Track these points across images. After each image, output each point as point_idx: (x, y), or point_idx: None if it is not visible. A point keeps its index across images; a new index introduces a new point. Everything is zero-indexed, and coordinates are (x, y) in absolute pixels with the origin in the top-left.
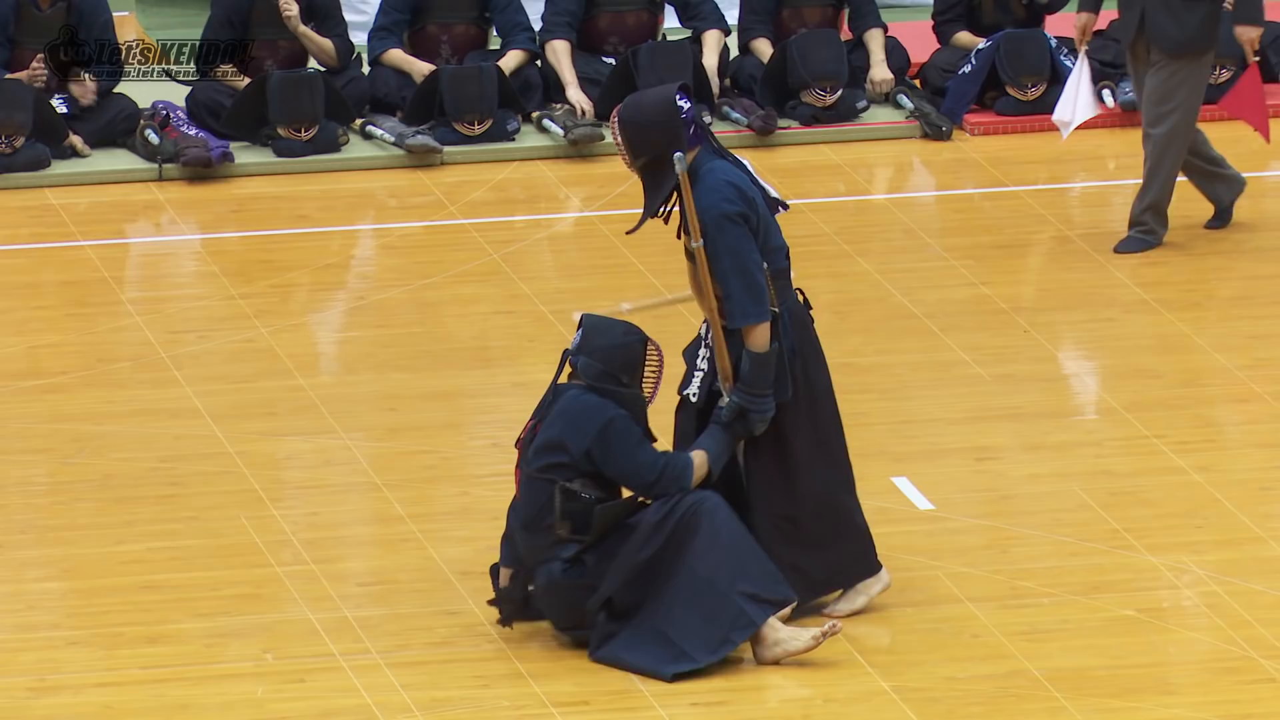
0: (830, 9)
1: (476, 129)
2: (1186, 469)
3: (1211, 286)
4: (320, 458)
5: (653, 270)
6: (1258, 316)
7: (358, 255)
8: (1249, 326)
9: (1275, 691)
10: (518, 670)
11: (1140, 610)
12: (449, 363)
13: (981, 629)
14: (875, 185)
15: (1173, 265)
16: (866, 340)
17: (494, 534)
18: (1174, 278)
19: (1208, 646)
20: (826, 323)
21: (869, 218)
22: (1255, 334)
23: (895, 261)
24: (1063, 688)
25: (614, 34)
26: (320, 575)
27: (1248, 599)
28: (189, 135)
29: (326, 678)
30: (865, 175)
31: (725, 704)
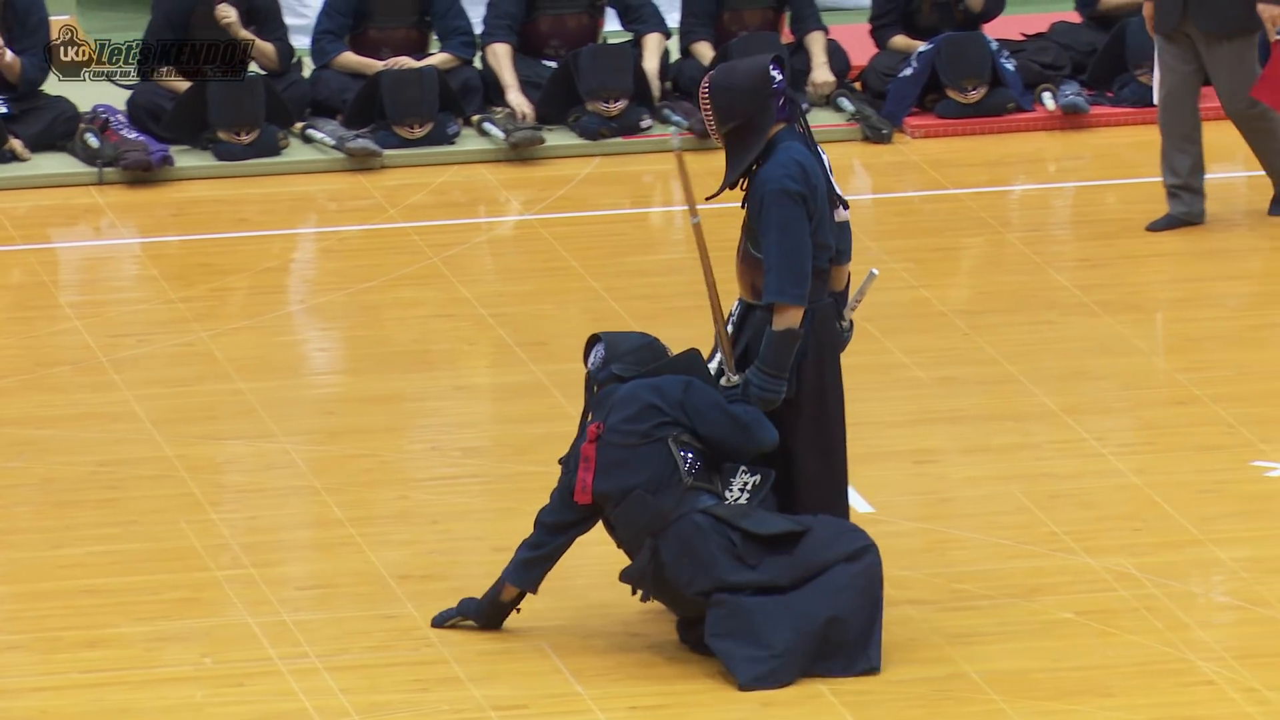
0: (771, 12)
1: (417, 132)
2: (1125, 472)
3: (1151, 289)
4: (260, 462)
5: (593, 274)
6: (1197, 319)
7: (298, 259)
8: (1188, 329)
9: (1214, 694)
10: (456, 674)
11: (1079, 613)
12: (389, 366)
13: (920, 632)
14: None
15: (1113, 268)
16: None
17: (433, 538)
18: (1113, 281)
19: (1146, 649)
20: None
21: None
22: (1194, 336)
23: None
24: (1001, 690)
25: (555, 37)
26: (259, 579)
27: (1186, 601)
28: (129, 139)
29: (265, 681)
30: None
31: (665, 708)
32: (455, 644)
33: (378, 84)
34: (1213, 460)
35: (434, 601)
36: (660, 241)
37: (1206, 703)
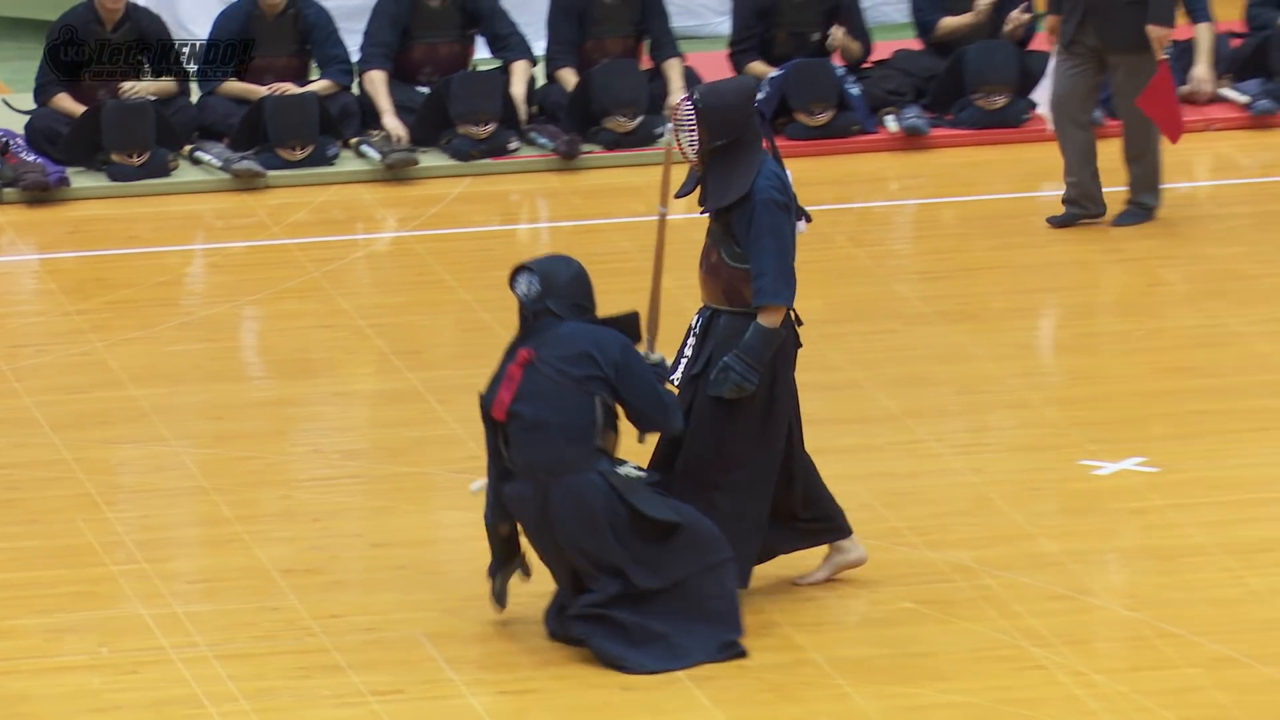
0: (631, 40)
1: (298, 154)
2: (962, 470)
3: (987, 300)
4: (152, 464)
5: (464, 287)
6: (1030, 328)
7: (187, 273)
8: (1021, 337)
9: (1044, 677)
10: (337, 662)
11: (919, 603)
12: (272, 374)
13: (771, 621)
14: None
15: (951, 280)
16: (669, 351)
17: (314, 534)
18: (951, 292)
19: (981, 636)
20: None
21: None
22: (1027, 344)
23: (693, 277)
24: (846, 675)
25: (428, 64)
26: (152, 574)
27: (1018, 591)
28: (28, 161)
29: (158, 669)
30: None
31: (530, 692)
32: (336, 634)
33: (261, 109)
34: (1043, 460)
35: (316, 594)
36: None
37: (1037, 686)
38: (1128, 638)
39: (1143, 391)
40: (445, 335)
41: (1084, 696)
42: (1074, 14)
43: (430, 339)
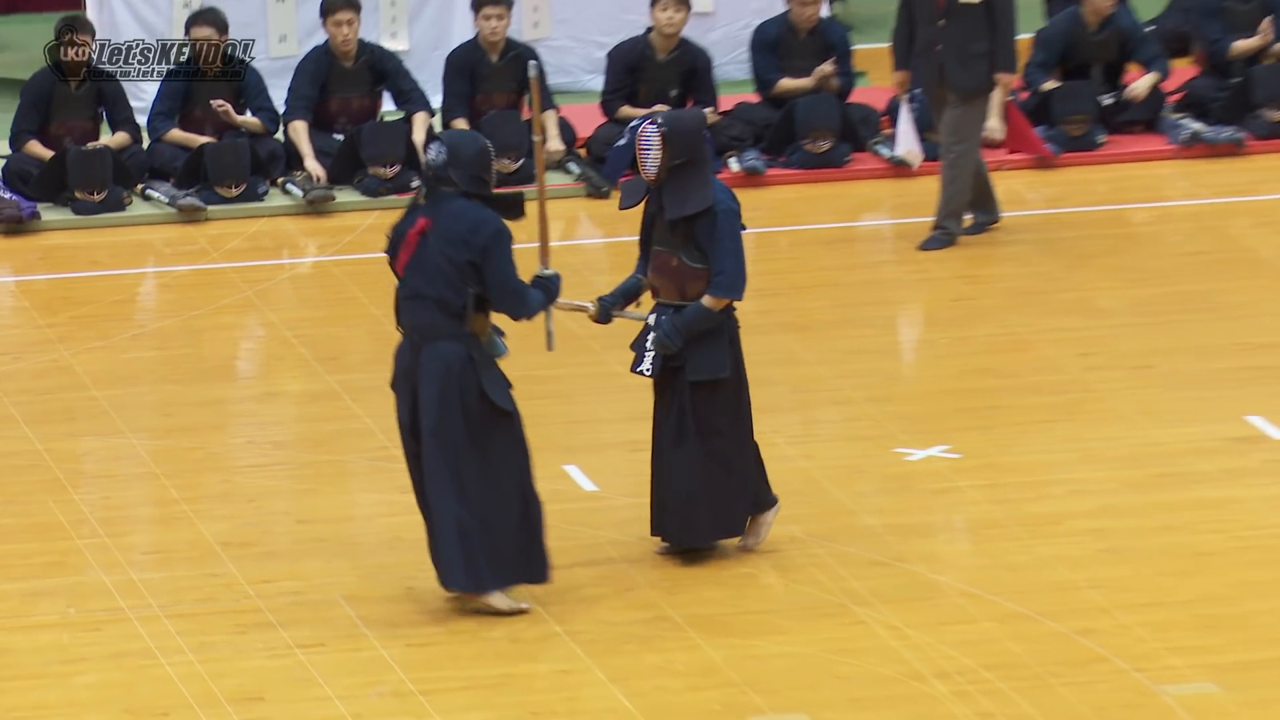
0: (513, 95)
1: (234, 192)
2: (795, 457)
3: (816, 313)
4: (111, 453)
5: (374, 303)
6: (852, 336)
7: (140, 292)
8: (844, 345)
9: (864, 631)
10: (269, 620)
11: (759, 568)
12: (213, 377)
13: (634, 584)
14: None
15: (784, 297)
16: (544, 357)
17: (249, 513)
18: (786, 307)
19: (813, 596)
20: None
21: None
22: (850, 350)
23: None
24: (697, 629)
25: (342, 115)
26: (112, 546)
27: (842, 558)
28: (3, 198)
29: (117, 627)
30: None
31: (434, 645)
32: (267, 596)
33: (202, 153)
34: (863, 448)
35: (250, 563)
36: None
37: (859, 638)
38: (934, 597)
39: (947, 390)
40: (358, 344)
41: (898, 647)
42: (930, 66)
43: (345, 347)
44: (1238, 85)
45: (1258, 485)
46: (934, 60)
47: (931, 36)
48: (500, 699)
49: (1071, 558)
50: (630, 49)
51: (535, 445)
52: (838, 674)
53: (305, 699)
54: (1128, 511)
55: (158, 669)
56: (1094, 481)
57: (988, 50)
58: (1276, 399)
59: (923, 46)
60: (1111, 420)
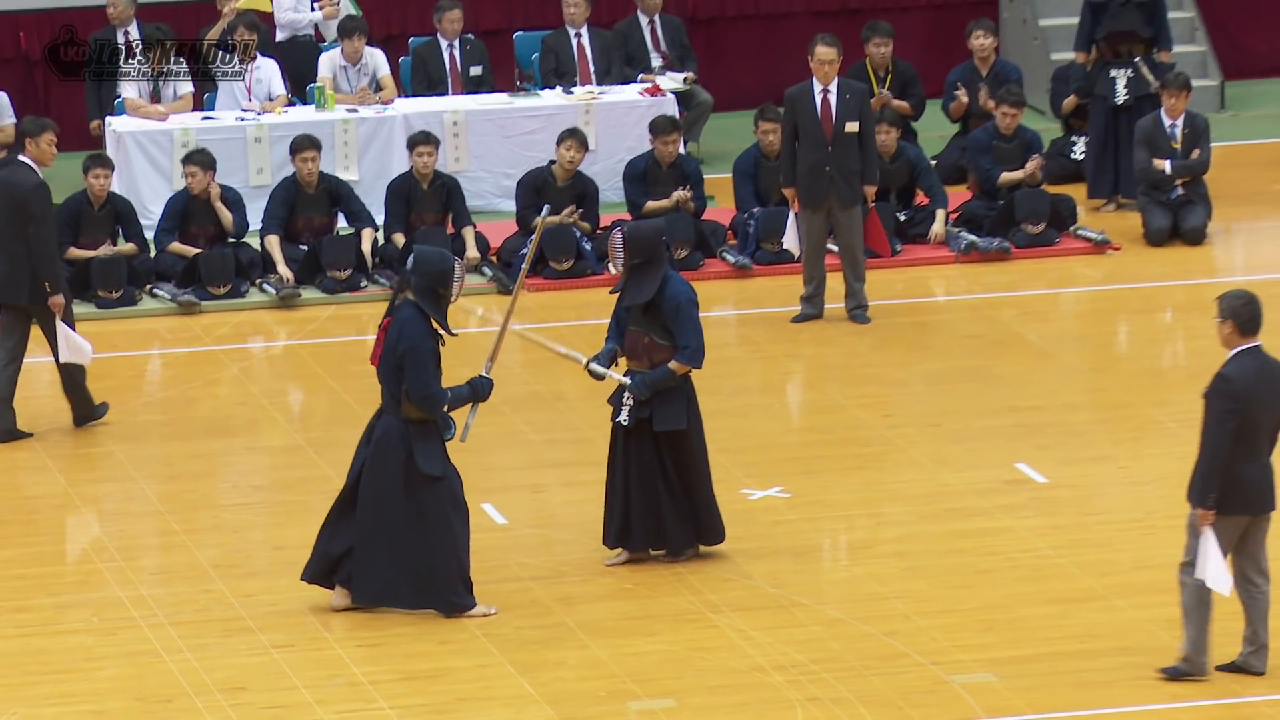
0: (441, 214)
1: (222, 290)
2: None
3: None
4: (125, 495)
5: (332, 376)
6: (705, 400)
7: (148, 369)
8: (701, 407)
9: (718, 634)
10: (249, 626)
11: (636, 584)
12: (206, 434)
13: (537, 597)
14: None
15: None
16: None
17: (237, 542)
18: None
19: (678, 606)
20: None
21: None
22: (705, 411)
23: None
24: (587, 632)
25: (306, 230)
26: (126, 568)
27: (701, 575)
28: None
29: (131, 632)
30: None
31: (381, 644)
32: (249, 607)
33: (196, 260)
34: (715, 488)
35: (235, 581)
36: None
37: (714, 639)
38: (773, 606)
39: (780, 443)
40: (320, 409)
41: (744, 645)
42: (819, 183)
43: (310, 412)
44: (1004, 206)
45: (1025, 517)
46: (824, 178)
47: (819, 159)
48: (433, 688)
49: (880, 575)
50: (536, 176)
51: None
52: (698, 667)
53: (279, 688)
54: (923, 538)
55: (163, 665)
56: (896, 515)
57: (860, 169)
58: (1038, 449)
59: (808, 167)
60: (909, 467)
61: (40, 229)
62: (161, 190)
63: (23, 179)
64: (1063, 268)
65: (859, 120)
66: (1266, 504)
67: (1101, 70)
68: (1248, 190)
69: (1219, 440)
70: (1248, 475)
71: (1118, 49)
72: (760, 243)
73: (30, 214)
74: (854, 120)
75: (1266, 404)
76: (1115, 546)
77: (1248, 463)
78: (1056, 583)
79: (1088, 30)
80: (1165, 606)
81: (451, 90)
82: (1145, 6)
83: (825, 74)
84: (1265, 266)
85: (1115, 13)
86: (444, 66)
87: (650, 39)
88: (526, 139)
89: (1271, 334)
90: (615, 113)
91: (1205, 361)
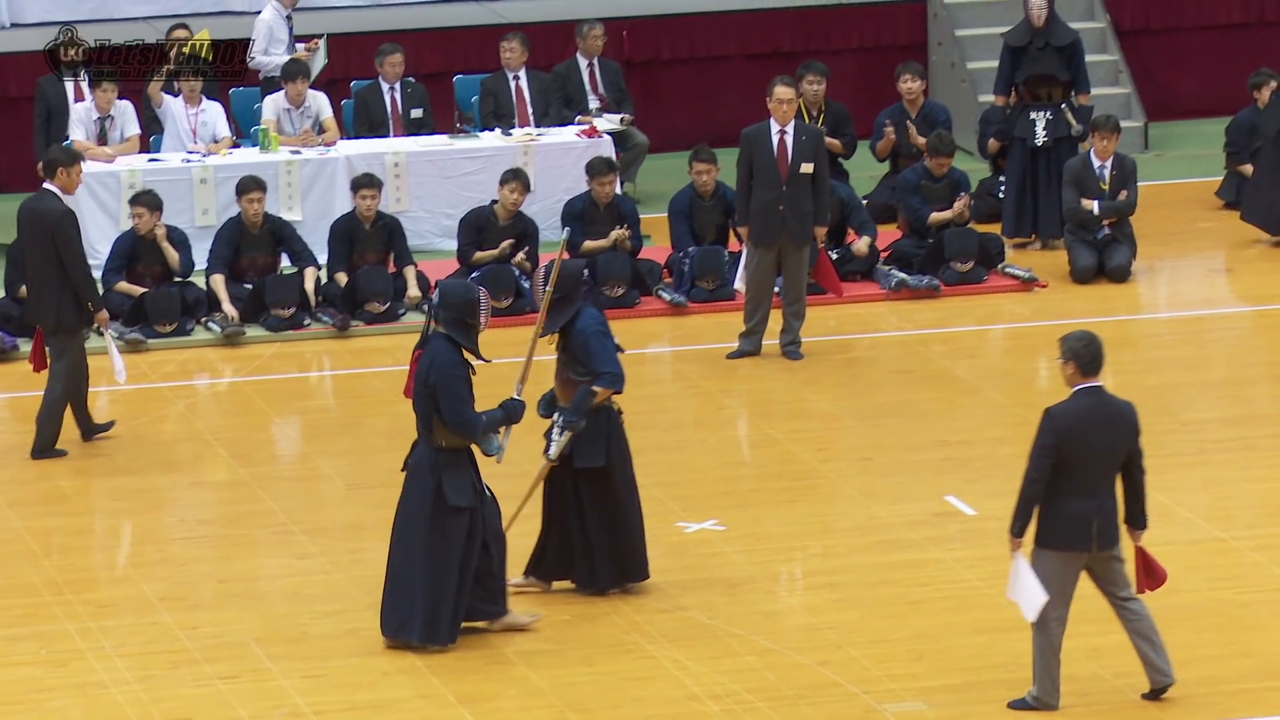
0: (382, 253)
1: (168, 329)
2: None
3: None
4: (74, 529)
5: (276, 413)
6: (642, 436)
7: (97, 406)
8: (636, 442)
9: (654, 664)
10: (195, 658)
11: (574, 617)
12: (152, 469)
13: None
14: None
15: None
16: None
17: (181, 575)
18: None
19: (613, 636)
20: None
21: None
22: (640, 446)
23: None
24: (526, 663)
25: (250, 270)
26: (74, 601)
27: (636, 607)
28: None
29: (79, 664)
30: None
31: (324, 675)
32: (195, 640)
33: (143, 300)
34: (651, 522)
35: (181, 613)
36: (315, 392)
37: (650, 669)
38: (708, 637)
39: (715, 477)
40: (264, 445)
41: (680, 675)
42: (772, 222)
43: (254, 447)
44: (933, 244)
45: (954, 549)
46: (777, 216)
47: (773, 198)
48: (375, 718)
49: (812, 605)
50: (478, 215)
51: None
52: (635, 696)
53: (225, 719)
54: (855, 569)
55: (110, 696)
56: (828, 547)
57: (813, 208)
58: (966, 483)
59: (762, 206)
60: (840, 499)
61: (72, 253)
62: (109, 231)
63: (50, 206)
64: (991, 305)
65: (814, 161)
66: (1083, 541)
67: (1021, 113)
68: (1172, 229)
69: (1033, 473)
70: (1071, 511)
71: (1036, 92)
72: (696, 280)
73: (61, 240)
74: (809, 161)
75: (1094, 443)
76: None
77: (1074, 499)
78: (985, 612)
79: (1007, 74)
80: (1090, 636)
81: (393, 132)
82: (1063, 51)
83: (784, 114)
84: (1188, 304)
85: (1034, 56)
86: (385, 109)
87: (589, 81)
88: (466, 180)
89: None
90: (553, 154)
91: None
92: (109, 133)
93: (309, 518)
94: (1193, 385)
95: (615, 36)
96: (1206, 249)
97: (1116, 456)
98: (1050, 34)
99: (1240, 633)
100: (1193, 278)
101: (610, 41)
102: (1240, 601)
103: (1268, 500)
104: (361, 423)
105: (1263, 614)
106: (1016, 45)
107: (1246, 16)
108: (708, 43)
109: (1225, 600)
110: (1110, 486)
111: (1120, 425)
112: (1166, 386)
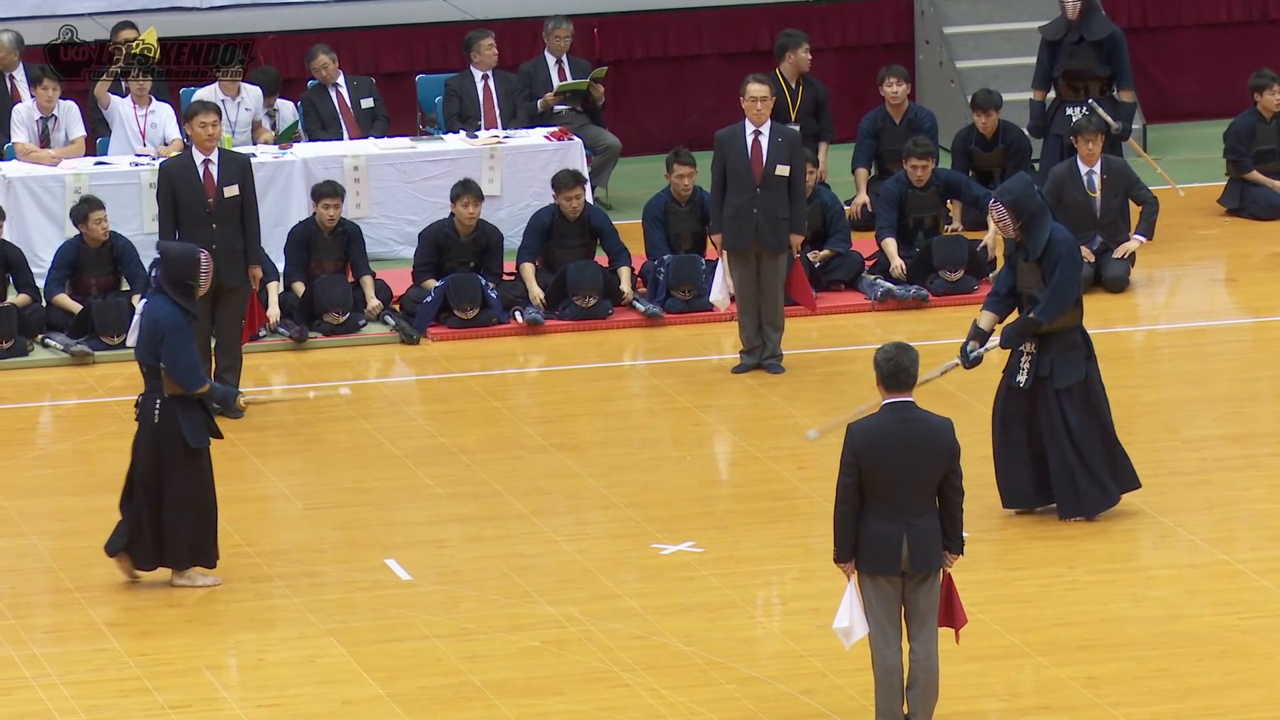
0: (341, 262)
1: (115, 341)
2: (570, 551)
3: (584, 435)
4: (17, 552)
5: (229, 428)
6: (613, 455)
7: (40, 422)
8: (608, 461)
9: (629, 694)
10: (145, 686)
11: (544, 642)
12: (99, 490)
13: (442, 655)
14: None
15: (560, 422)
16: (368, 471)
17: (130, 599)
18: (561, 430)
19: (587, 665)
20: (336, 460)
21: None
22: (612, 465)
23: (384, 422)
24: (494, 692)
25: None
26: (18, 627)
27: (611, 634)
28: None
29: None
30: (365, 367)
31: (280, 705)
32: (145, 666)
33: (90, 310)
34: (626, 544)
35: (130, 640)
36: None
37: (625, 698)
38: (685, 665)
39: (692, 498)
40: (216, 463)
41: (656, 705)
42: (746, 227)
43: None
44: (921, 252)
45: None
46: (750, 220)
47: (747, 201)
48: None
49: (795, 632)
50: (438, 230)
51: (359, 543)
52: None
53: None
54: (837, 594)
55: None
56: (811, 570)
57: (789, 215)
58: None
59: (735, 210)
60: (824, 520)
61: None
62: (53, 237)
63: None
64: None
65: (789, 164)
66: (891, 565)
67: (1059, 108)
68: (1170, 236)
69: (839, 492)
70: (873, 532)
71: (1075, 86)
72: (671, 290)
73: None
74: (785, 164)
75: (898, 462)
76: (1036, 602)
77: (880, 521)
78: (976, 639)
79: (1045, 68)
80: (1087, 664)
81: (346, 128)
82: (1100, 45)
83: (758, 112)
84: (1189, 315)
85: (1070, 51)
86: (334, 106)
87: (558, 79)
88: (429, 184)
89: (1198, 382)
90: (520, 157)
91: (1125, 412)
92: (52, 134)
93: (265, 539)
94: (1193, 401)
95: (586, 34)
96: (1207, 257)
97: (926, 476)
98: (1085, 28)
99: (1244, 661)
100: (1193, 288)
101: (581, 39)
102: (1244, 628)
103: (1273, 522)
104: (321, 439)
105: (1268, 641)
106: (1052, 40)
107: (1248, 14)
108: (681, 41)
109: (1228, 626)
110: (924, 507)
111: (929, 443)
112: (1166, 402)
